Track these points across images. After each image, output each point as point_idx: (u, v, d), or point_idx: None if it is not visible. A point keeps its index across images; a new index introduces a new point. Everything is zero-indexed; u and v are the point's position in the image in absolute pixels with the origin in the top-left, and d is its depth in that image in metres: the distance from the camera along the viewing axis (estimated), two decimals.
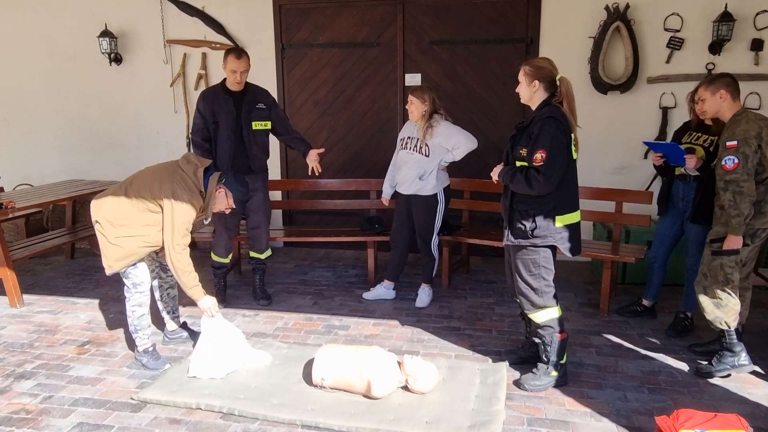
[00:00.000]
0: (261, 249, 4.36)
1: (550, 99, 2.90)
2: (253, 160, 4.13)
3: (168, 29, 5.68)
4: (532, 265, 2.98)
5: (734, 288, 3.11)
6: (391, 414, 2.81)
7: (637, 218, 4.23)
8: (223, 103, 4.01)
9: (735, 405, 2.92)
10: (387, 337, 3.77)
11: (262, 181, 4.23)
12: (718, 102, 3.18)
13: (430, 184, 4.10)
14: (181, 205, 3.09)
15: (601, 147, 5.04)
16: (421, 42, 5.32)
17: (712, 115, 3.27)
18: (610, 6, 4.82)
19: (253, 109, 4.08)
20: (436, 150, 4.05)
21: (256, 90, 4.18)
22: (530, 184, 2.80)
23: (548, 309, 3.02)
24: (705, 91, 3.23)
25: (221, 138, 4.03)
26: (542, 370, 3.07)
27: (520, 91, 2.98)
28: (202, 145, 4.02)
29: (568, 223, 2.92)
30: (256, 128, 4.11)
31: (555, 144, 2.77)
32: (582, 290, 4.62)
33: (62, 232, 5.34)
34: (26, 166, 6.28)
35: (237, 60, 3.93)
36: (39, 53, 5.99)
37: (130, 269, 3.25)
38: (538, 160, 2.77)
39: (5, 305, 4.32)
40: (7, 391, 3.11)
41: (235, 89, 4.05)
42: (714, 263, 3.12)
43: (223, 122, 4.01)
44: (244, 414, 2.83)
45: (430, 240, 4.23)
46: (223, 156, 4.04)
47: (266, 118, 4.16)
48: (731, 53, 4.71)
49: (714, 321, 3.16)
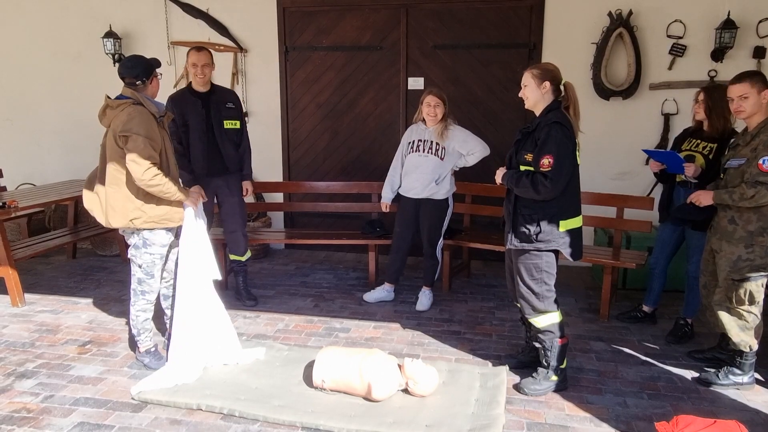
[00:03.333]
0: (241, 252, 4.36)
1: (554, 104, 2.89)
2: (228, 160, 4.12)
3: (172, 31, 5.70)
4: (535, 270, 2.98)
5: (759, 307, 3.04)
6: (391, 417, 2.81)
7: (638, 224, 4.23)
8: (191, 105, 3.99)
9: (734, 412, 2.92)
10: (388, 339, 3.78)
11: (236, 185, 4.22)
12: (761, 103, 2.94)
13: (444, 188, 4.12)
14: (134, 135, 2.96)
15: (602, 153, 5.05)
16: (425, 46, 5.33)
17: (749, 115, 2.97)
18: (613, 12, 4.83)
19: (222, 109, 4.06)
20: (452, 153, 4.07)
21: (224, 90, 4.21)
22: (537, 189, 2.79)
23: (549, 314, 3.03)
24: (752, 88, 2.92)
25: (193, 139, 4.01)
26: (542, 374, 3.08)
27: (527, 94, 2.95)
28: (177, 148, 3.94)
29: (571, 227, 2.93)
30: (228, 127, 4.09)
31: (562, 149, 2.77)
32: (582, 295, 4.63)
33: (64, 232, 5.35)
34: (29, 166, 6.30)
35: (197, 53, 3.93)
36: (43, 53, 6.02)
37: (146, 279, 3.24)
38: (545, 165, 2.77)
39: (7, 304, 4.33)
40: (8, 390, 3.11)
41: (201, 88, 4.02)
42: (741, 290, 3.01)
43: (194, 124, 3.99)
44: (244, 415, 2.84)
45: (436, 244, 4.26)
46: (197, 158, 4.03)
47: (236, 117, 4.15)
48: (734, 60, 4.72)
49: (739, 344, 3.10)
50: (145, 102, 3.08)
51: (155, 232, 3.17)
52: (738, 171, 2.99)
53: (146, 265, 3.23)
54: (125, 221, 3.11)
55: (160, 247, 3.22)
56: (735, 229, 3.00)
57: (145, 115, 3.03)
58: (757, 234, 2.94)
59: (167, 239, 3.25)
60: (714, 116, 3.48)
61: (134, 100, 3.07)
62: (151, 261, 3.22)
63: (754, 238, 2.95)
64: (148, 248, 3.19)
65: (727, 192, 2.98)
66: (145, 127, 2.99)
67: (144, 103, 3.07)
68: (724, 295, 3.08)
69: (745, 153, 2.98)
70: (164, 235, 3.22)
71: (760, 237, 2.94)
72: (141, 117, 3.01)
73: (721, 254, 3.08)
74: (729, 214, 3.03)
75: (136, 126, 2.98)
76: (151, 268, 3.24)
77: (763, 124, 2.96)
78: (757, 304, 3.04)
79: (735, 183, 2.99)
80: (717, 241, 3.12)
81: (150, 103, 3.11)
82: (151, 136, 3.00)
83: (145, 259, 3.21)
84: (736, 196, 2.92)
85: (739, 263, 3.00)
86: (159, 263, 3.26)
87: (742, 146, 3.03)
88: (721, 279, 3.09)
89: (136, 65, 3.11)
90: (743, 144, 3.03)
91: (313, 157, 5.77)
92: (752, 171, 2.90)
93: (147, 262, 3.22)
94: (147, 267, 3.23)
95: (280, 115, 5.70)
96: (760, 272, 2.98)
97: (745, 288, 3.01)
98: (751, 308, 3.04)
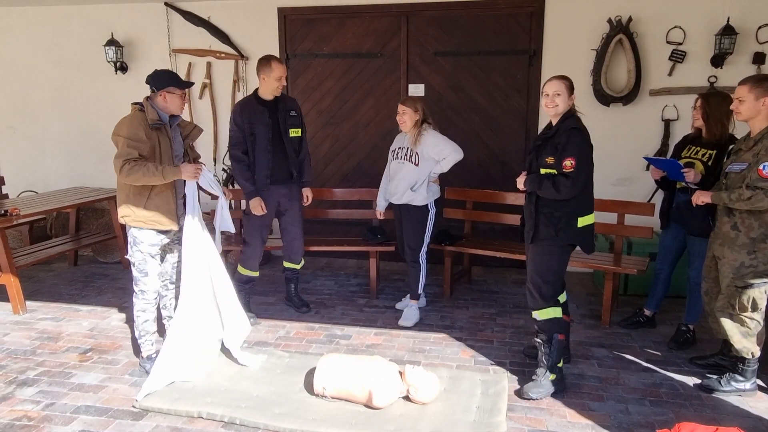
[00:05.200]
0: (298, 260, 4.42)
1: (569, 112, 3.11)
2: (294, 167, 4.11)
3: (173, 39, 5.73)
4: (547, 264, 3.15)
5: (762, 314, 3.04)
6: (392, 424, 2.81)
7: (639, 230, 4.23)
8: (259, 114, 3.95)
9: (737, 418, 2.91)
10: (389, 346, 3.78)
11: (297, 192, 4.22)
12: (758, 108, 2.95)
13: (421, 195, 4.10)
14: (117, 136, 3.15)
15: (603, 159, 5.00)
16: (425, 53, 5.35)
17: (746, 118, 3.01)
18: (613, 19, 4.85)
19: (287, 118, 4.05)
20: (426, 159, 4.07)
21: (286, 98, 4.17)
22: (558, 189, 3.00)
23: (552, 308, 3.15)
24: (750, 92, 2.95)
25: (259, 149, 3.96)
26: (541, 374, 3.15)
27: (558, 102, 3.09)
28: (243, 158, 3.94)
29: (587, 223, 3.13)
30: (293, 135, 4.08)
31: (582, 152, 3.00)
32: (584, 301, 4.62)
33: (65, 239, 5.37)
34: (31, 173, 6.32)
35: (281, 66, 3.90)
36: (45, 61, 6.05)
37: (141, 277, 3.33)
38: (567, 166, 2.98)
39: (8, 312, 4.33)
40: (9, 397, 3.12)
41: (269, 97, 3.97)
42: (743, 296, 3.01)
43: (261, 133, 3.94)
44: (245, 423, 2.84)
45: (417, 249, 4.18)
46: (262, 167, 3.98)
47: (298, 125, 4.14)
48: (734, 66, 4.73)
49: (741, 351, 3.10)
50: (148, 109, 3.21)
51: (143, 231, 3.28)
52: (739, 176, 3.00)
53: (138, 263, 3.33)
54: (121, 218, 3.30)
55: (149, 246, 3.31)
56: (737, 236, 3.00)
57: (135, 119, 3.18)
58: (760, 240, 2.94)
59: (157, 239, 3.33)
60: (711, 122, 3.49)
61: (141, 106, 3.24)
62: (141, 258, 3.32)
63: (757, 245, 2.95)
64: (138, 246, 3.31)
65: (726, 192, 3.01)
66: (128, 129, 3.15)
67: (146, 109, 3.21)
68: (727, 301, 3.08)
69: (747, 158, 2.99)
70: (154, 235, 3.31)
71: (762, 243, 2.94)
72: (128, 121, 3.19)
73: (724, 261, 3.07)
74: (732, 221, 3.03)
75: (120, 128, 3.17)
76: (143, 266, 3.33)
77: (766, 130, 2.96)
78: (759, 310, 3.03)
79: (736, 187, 3.00)
80: (719, 248, 3.11)
81: (152, 110, 3.22)
82: (132, 137, 3.13)
83: (136, 256, 3.33)
84: (734, 196, 2.95)
85: (741, 270, 3.00)
86: (151, 261, 3.35)
87: (744, 151, 3.03)
88: (724, 286, 3.08)
89: (155, 75, 3.29)
90: (745, 149, 3.03)
91: (314, 163, 5.74)
92: (752, 176, 2.91)
93: (138, 259, 3.33)
94: (139, 264, 3.33)
95: None
96: (763, 279, 2.97)
97: (748, 295, 3.00)
98: (753, 315, 3.03)
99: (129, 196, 3.23)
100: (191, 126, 3.53)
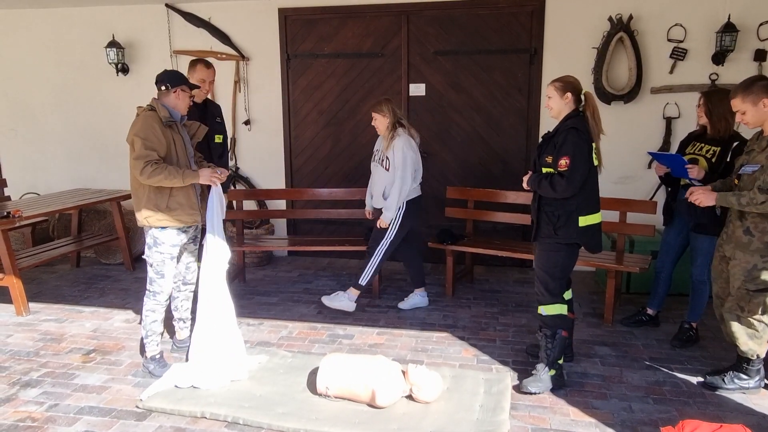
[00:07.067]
0: None
1: (573, 112, 3.12)
2: None
3: (174, 40, 5.73)
4: (551, 261, 3.17)
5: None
6: (395, 423, 2.81)
7: (641, 228, 4.22)
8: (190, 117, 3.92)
9: (740, 416, 2.91)
10: (391, 346, 3.78)
11: None
12: (762, 112, 2.89)
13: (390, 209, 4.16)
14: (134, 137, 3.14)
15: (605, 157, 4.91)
16: (426, 52, 5.35)
17: (755, 125, 2.96)
18: (614, 17, 4.85)
19: (214, 124, 4.03)
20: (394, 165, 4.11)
21: (213, 104, 4.19)
22: (554, 187, 3.04)
23: (559, 304, 3.17)
24: (743, 102, 2.91)
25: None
26: (541, 369, 3.16)
27: (552, 104, 3.17)
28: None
29: (590, 223, 3.14)
30: (217, 142, 4.07)
31: (577, 151, 3.02)
32: (586, 300, 4.62)
33: (68, 241, 5.37)
34: (33, 175, 6.33)
35: (207, 69, 3.94)
36: (46, 63, 6.06)
37: (157, 278, 3.31)
38: (562, 165, 3.02)
39: (11, 313, 4.34)
40: (13, 399, 3.12)
41: (198, 101, 3.93)
42: (756, 300, 2.97)
43: None
44: (248, 423, 2.84)
45: (375, 245, 4.26)
46: None
47: (221, 132, 4.15)
48: (735, 63, 4.73)
49: (747, 352, 3.08)
50: (158, 107, 3.23)
51: (165, 231, 3.27)
52: (752, 177, 2.92)
53: (156, 264, 3.31)
54: (142, 220, 3.27)
55: (170, 247, 3.30)
56: (751, 241, 2.94)
57: (149, 119, 3.18)
58: None
59: (178, 240, 3.32)
60: (714, 119, 3.49)
61: (151, 106, 3.25)
62: (161, 260, 3.30)
63: None
64: (158, 247, 3.28)
65: (734, 195, 2.91)
66: (143, 129, 3.14)
67: (156, 108, 3.23)
68: (736, 303, 3.04)
69: (760, 159, 2.92)
70: (175, 235, 3.30)
71: None
72: (143, 120, 3.18)
73: (735, 262, 3.01)
74: (744, 225, 2.96)
75: (136, 129, 3.16)
76: (161, 268, 3.31)
77: None
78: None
79: (748, 189, 2.91)
80: (731, 249, 3.04)
81: (163, 108, 3.24)
82: (147, 137, 3.13)
83: (155, 258, 3.30)
84: (745, 200, 2.85)
85: (753, 272, 2.94)
86: (170, 263, 3.34)
87: (758, 152, 2.96)
88: (734, 288, 3.04)
89: (167, 74, 3.33)
90: (758, 150, 2.96)
91: (315, 164, 5.78)
92: (765, 178, 2.84)
93: (157, 261, 3.30)
94: (157, 266, 3.31)
95: (282, 122, 5.72)
96: None
97: (760, 298, 2.96)
98: (762, 318, 3.00)
99: (150, 197, 3.21)
100: (196, 125, 3.54)
